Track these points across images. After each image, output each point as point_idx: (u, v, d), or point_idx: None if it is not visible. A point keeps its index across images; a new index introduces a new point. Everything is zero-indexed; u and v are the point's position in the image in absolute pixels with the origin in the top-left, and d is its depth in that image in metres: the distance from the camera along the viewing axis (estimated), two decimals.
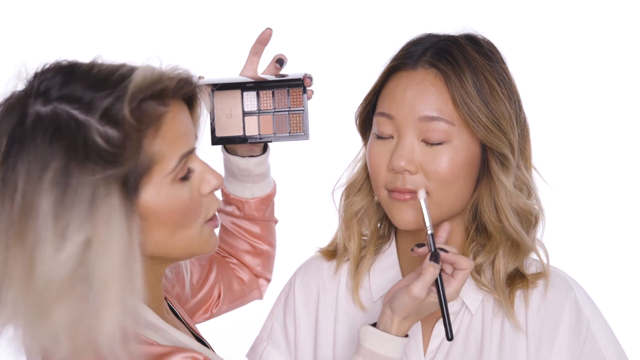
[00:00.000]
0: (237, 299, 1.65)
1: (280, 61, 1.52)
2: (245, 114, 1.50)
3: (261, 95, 1.50)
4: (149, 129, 1.15)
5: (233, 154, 1.54)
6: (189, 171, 1.20)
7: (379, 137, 1.40)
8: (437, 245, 1.34)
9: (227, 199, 1.60)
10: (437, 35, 1.43)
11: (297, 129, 1.50)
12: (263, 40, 1.52)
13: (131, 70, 1.16)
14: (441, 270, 1.33)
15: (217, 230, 1.30)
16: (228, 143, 1.51)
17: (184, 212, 1.20)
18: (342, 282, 1.52)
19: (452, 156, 1.36)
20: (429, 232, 1.33)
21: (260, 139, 1.50)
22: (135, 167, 1.14)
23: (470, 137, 1.37)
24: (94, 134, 1.12)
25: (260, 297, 1.69)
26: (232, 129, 1.50)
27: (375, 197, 1.47)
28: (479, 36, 1.44)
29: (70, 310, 1.12)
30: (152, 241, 1.19)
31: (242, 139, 1.50)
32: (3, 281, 1.13)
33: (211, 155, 1.35)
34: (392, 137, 1.39)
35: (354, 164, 1.51)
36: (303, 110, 1.50)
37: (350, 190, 1.49)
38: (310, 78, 1.49)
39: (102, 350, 1.12)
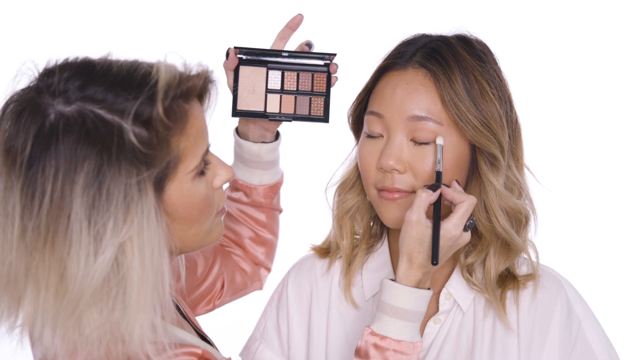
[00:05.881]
0: (240, 291, 1.65)
1: (309, 44, 1.54)
2: (268, 91, 1.53)
3: (286, 76, 1.53)
4: (176, 128, 1.14)
5: (245, 139, 1.56)
6: (206, 165, 1.21)
7: (369, 136, 1.40)
8: (444, 183, 1.35)
9: (235, 185, 1.61)
10: (430, 35, 1.43)
11: (317, 111, 1.53)
12: (293, 25, 1.55)
13: (150, 67, 1.15)
14: (443, 203, 1.34)
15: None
16: (248, 116, 1.53)
17: (202, 206, 1.20)
18: (334, 281, 1.53)
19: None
20: (437, 169, 1.34)
21: (280, 117, 1.53)
22: (165, 166, 1.13)
23: (459, 137, 1.37)
24: (129, 134, 1.09)
25: (261, 288, 1.70)
26: (253, 104, 1.53)
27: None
28: (471, 37, 1.44)
29: (102, 312, 1.11)
30: (171, 236, 1.18)
31: (263, 115, 1.53)
32: (26, 284, 1.11)
33: (220, 147, 1.35)
34: (382, 136, 1.39)
35: (347, 162, 1.51)
36: (326, 94, 1.53)
37: (343, 188, 1.50)
38: (336, 64, 1.53)
39: (132, 349, 1.12)
